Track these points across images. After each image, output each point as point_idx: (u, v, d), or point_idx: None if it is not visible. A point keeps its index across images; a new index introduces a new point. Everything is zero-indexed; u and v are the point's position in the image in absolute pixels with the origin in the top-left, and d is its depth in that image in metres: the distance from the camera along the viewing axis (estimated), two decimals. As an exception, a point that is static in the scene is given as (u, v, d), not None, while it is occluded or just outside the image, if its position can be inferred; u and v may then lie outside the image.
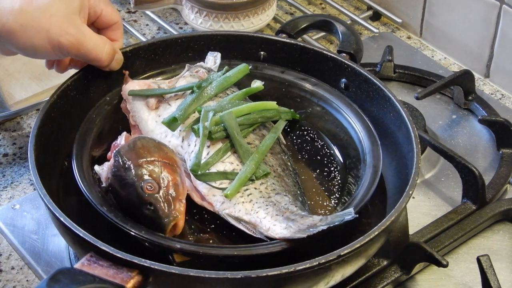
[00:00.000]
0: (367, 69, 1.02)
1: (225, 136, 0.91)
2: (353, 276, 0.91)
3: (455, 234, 0.98)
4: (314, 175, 0.96)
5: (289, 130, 1.02)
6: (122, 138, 0.91)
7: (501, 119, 1.11)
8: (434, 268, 0.95)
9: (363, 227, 0.83)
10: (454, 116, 1.18)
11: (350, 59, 1.03)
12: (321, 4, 1.45)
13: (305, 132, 1.02)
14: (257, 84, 1.00)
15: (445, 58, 1.33)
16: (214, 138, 0.90)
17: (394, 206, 0.82)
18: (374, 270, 0.92)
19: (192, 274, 0.74)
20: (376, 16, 1.42)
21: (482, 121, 1.12)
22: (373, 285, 0.92)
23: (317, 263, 0.75)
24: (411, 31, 1.38)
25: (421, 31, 1.36)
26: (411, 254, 0.92)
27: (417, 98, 1.13)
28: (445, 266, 0.89)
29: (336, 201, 0.93)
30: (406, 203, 0.82)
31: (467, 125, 1.16)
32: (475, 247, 0.99)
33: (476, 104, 1.17)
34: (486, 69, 1.27)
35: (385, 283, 0.92)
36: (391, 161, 0.94)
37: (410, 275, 0.94)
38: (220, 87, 0.97)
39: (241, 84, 1.00)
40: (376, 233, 0.78)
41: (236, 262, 0.81)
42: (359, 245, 0.77)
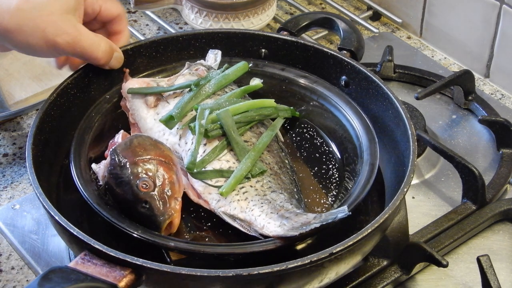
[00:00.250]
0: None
1: (222, 134, 0.91)
2: (353, 276, 0.91)
3: (455, 234, 0.98)
4: (312, 173, 0.96)
5: (289, 128, 1.01)
6: (120, 136, 0.92)
7: (501, 119, 1.11)
8: (434, 268, 0.95)
9: (361, 225, 0.82)
10: (454, 116, 1.18)
11: (351, 57, 1.03)
12: (321, 4, 1.45)
13: (304, 130, 1.01)
14: (256, 82, 1.00)
15: (445, 58, 1.32)
16: (210, 136, 0.90)
17: (391, 204, 0.82)
18: (374, 270, 0.92)
19: (184, 272, 0.74)
20: (376, 16, 1.42)
21: (482, 121, 1.12)
22: (373, 285, 0.92)
23: (309, 261, 0.75)
24: (411, 31, 1.38)
25: (421, 31, 1.36)
26: (411, 254, 0.92)
27: (417, 98, 1.13)
28: (445, 266, 0.89)
29: (333, 199, 0.92)
30: (401, 201, 0.82)
31: (467, 125, 1.16)
32: (475, 247, 0.99)
33: (476, 104, 1.17)
34: (486, 69, 1.27)
35: (385, 283, 0.92)
36: (390, 159, 0.94)
37: (410, 275, 0.94)
38: (219, 85, 0.96)
39: (242, 82, 1.00)
40: (369, 231, 0.78)
41: (231, 260, 0.82)
42: (352, 243, 0.77)
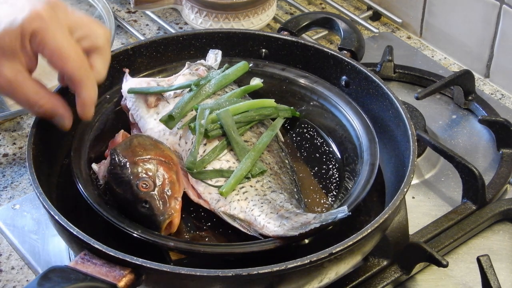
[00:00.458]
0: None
1: (222, 134, 0.91)
2: (353, 276, 0.91)
3: (455, 234, 0.98)
4: (312, 173, 0.96)
5: (289, 128, 1.01)
6: (120, 136, 0.92)
7: (501, 119, 1.11)
8: (434, 268, 0.95)
9: (361, 225, 0.82)
10: (454, 116, 1.18)
11: (351, 57, 1.03)
12: (321, 4, 1.45)
13: (305, 130, 1.01)
14: (256, 82, 0.99)
15: (445, 58, 1.32)
16: (210, 136, 0.90)
17: (391, 204, 0.82)
18: (374, 270, 0.92)
19: (184, 272, 0.74)
20: (376, 16, 1.42)
21: (482, 121, 1.12)
22: (373, 285, 0.92)
23: (309, 261, 0.75)
24: (411, 31, 1.38)
25: (421, 31, 1.36)
26: (411, 254, 0.92)
27: (417, 98, 1.13)
28: (445, 266, 0.89)
29: (333, 199, 0.92)
30: (401, 201, 0.82)
31: (467, 125, 1.16)
32: (475, 247, 0.99)
33: (476, 104, 1.17)
34: (486, 69, 1.27)
35: (385, 283, 0.92)
36: (390, 159, 0.94)
37: (410, 275, 0.94)
38: (219, 85, 0.96)
39: (242, 82, 1.00)
40: (369, 231, 0.78)
41: (231, 260, 0.81)
42: (352, 243, 0.77)
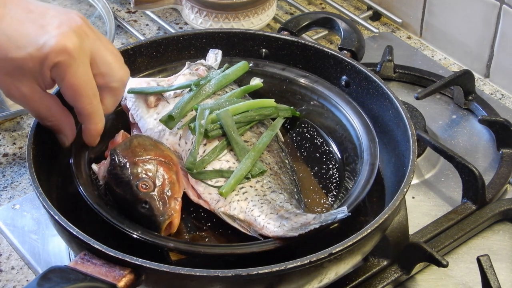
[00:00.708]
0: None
1: (222, 134, 0.91)
2: (353, 276, 0.91)
3: (455, 234, 0.98)
4: (312, 173, 0.96)
5: (289, 127, 1.01)
6: (119, 136, 0.91)
7: (501, 119, 1.11)
8: (434, 268, 0.95)
9: (361, 225, 0.82)
10: (454, 116, 1.18)
11: (352, 57, 1.03)
12: (321, 4, 1.45)
13: (305, 129, 1.01)
14: (256, 82, 0.99)
15: (445, 58, 1.32)
16: (210, 136, 0.90)
17: (391, 204, 0.82)
18: (374, 270, 0.92)
19: (183, 272, 0.74)
20: (376, 16, 1.42)
21: (482, 121, 1.12)
22: (373, 285, 0.92)
23: (308, 261, 0.75)
24: (411, 31, 1.38)
25: (421, 31, 1.36)
26: (411, 254, 0.92)
27: (417, 98, 1.13)
28: (445, 266, 0.89)
29: (333, 199, 0.92)
30: (401, 201, 0.82)
31: (467, 125, 1.16)
32: (475, 247, 0.99)
33: (476, 104, 1.17)
34: (486, 69, 1.27)
35: (385, 283, 0.92)
36: (390, 159, 0.94)
37: (410, 275, 0.94)
38: (219, 85, 0.96)
39: (242, 82, 1.00)
40: (369, 231, 0.78)
41: (232, 260, 0.81)
42: (351, 243, 0.77)
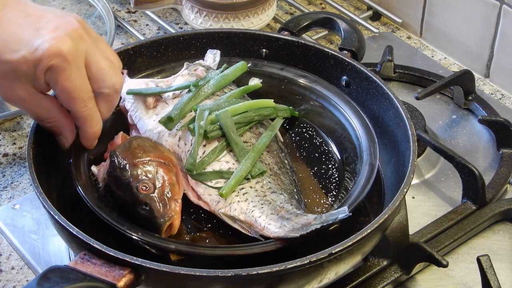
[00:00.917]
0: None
1: (221, 135, 0.91)
2: (353, 276, 0.91)
3: (455, 234, 0.98)
4: (312, 173, 0.96)
5: (288, 127, 1.01)
6: (119, 138, 0.91)
7: (501, 119, 1.11)
8: (434, 268, 0.95)
9: (361, 225, 0.82)
10: (454, 116, 1.18)
11: (352, 57, 1.03)
12: (321, 4, 1.45)
13: (304, 129, 1.01)
14: (255, 82, 0.99)
15: (445, 58, 1.32)
16: (210, 137, 0.90)
17: (391, 204, 0.82)
18: (374, 270, 0.92)
19: (183, 272, 0.74)
20: (376, 16, 1.42)
21: (482, 121, 1.12)
22: (373, 285, 0.92)
23: (308, 261, 0.75)
24: (411, 31, 1.38)
25: (421, 31, 1.36)
26: (411, 254, 0.92)
27: (417, 98, 1.13)
28: (445, 266, 0.89)
29: (333, 199, 0.92)
30: (401, 201, 0.82)
31: (467, 125, 1.16)
32: (475, 247, 0.99)
33: (476, 104, 1.17)
34: (486, 69, 1.27)
35: (385, 283, 0.92)
36: (390, 159, 0.94)
37: (410, 275, 0.94)
38: (218, 86, 0.96)
39: (241, 82, 1.00)
40: (369, 231, 0.78)
41: (232, 261, 0.81)
42: (351, 243, 0.77)
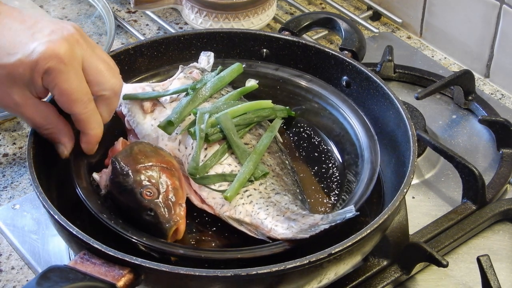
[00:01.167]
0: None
1: (222, 138, 0.90)
2: (353, 276, 0.91)
3: (455, 234, 0.98)
4: (312, 172, 0.96)
5: (285, 128, 1.01)
6: (119, 144, 0.90)
7: (501, 119, 1.11)
8: (434, 268, 0.95)
9: (361, 225, 0.82)
10: (454, 116, 1.18)
11: (352, 57, 1.03)
12: (321, 4, 1.45)
13: (301, 129, 1.01)
14: (252, 83, 0.99)
15: (445, 58, 1.32)
16: (211, 140, 0.89)
17: (391, 205, 0.82)
18: (374, 270, 0.92)
19: (183, 272, 0.74)
20: (376, 16, 1.42)
21: (482, 121, 1.12)
22: (373, 285, 0.92)
23: (308, 261, 0.75)
24: (411, 31, 1.38)
25: (421, 31, 1.36)
26: (411, 254, 0.92)
27: (417, 98, 1.13)
28: (445, 266, 0.89)
29: (336, 198, 0.92)
30: (400, 201, 0.82)
31: (467, 125, 1.16)
32: (475, 247, 0.99)
33: (476, 104, 1.17)
34: (486, 69, 1.27)
35: (385, 283, 0.92)
36: (390, 159, 0.94)
37: (410, 275, 0.94)
38: (215, 88, 0.96)
39: (236, 83, 0.99)
40: (369, 231, 0.78)
41: (239, 264, 0.81)
42: (351, 243, 0.77)
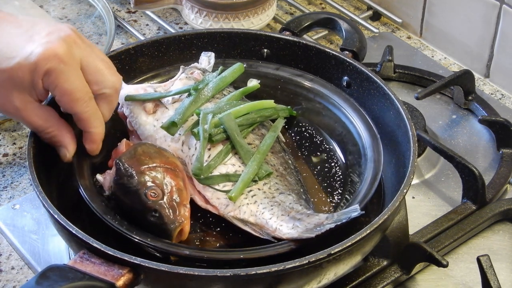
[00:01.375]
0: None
1: (225, 138, 0.90)
2: (353, 276, 0.91)
3: (455, 234, 0.98)
4: (315, 172, 0.96)
5: (287, 127, 1.01)
6: (122, 145, 0.90)
7: (501, 119, 1.11)
8: (434, 268, 0.95)
9: (361, 225, 0.82)
10: (454, 116, 1.18)
11: (353, 57, 1.03)
12: (321, 4, 1.45)
13: (303, 129, 1.01)
14: (254, 83, 0.99)
15: (445, 58, 1.32)
16: (215, 141, 0.89)
17: (392, 205, 0.82)
18: (374, 270, 0.92)
19: (182, 272, 0.74)
20: (376, 16, 1.42)
21: (482, 121, 1.12)
22: (373, 285, 0.92)
23: (307, 262, 0.75)
24: (411, 31, 1.38)
25: (421, 31, 1.36)
26: (411, 254, 0.92)
27: (417, 98, 1.13)
28: (445, 266, 0.89)
29: (339, 197, 0.92)
30: (400, 202, 0.82)
31: (467, 125, 1.16)
32: (475, 247, 0.99)
33: (476, 104, 1.17)
34: (486, 69, 1.27)
35: (385, 283, 0.92)
36: (390, 159, 0.93)
37: (410, 275, 0.94)
38: (217, 88, 0.96)
39: (237, 83, 0.99)
40: (368, 231, 0.78)
41: (244, 264, 0.80)
42: (351, 244, 0.77)
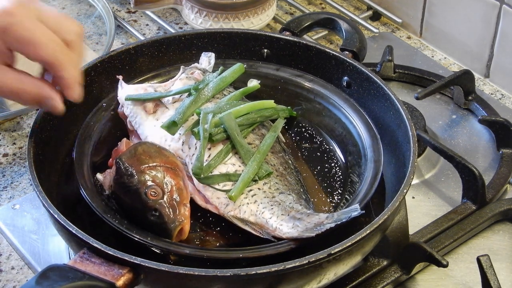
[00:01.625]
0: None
1: (226, 138, 0.91)
2: (353, 276, 0.91)
3: (455, 234, 0.98)
4: (315, 172, 0.96)
5: (287, 128, 1.01)
6: (123, 145, 0.90)
7: (501, 119, 1.11)
8: (434, 268, 0.95)
9: (361, 226, 0.82)
10: (454, 116, 1.18)
11: (353, 57, 1.03)
12: (321, 4, 1.45)
13: (303, 129, 1.01)
14: (254, 83, 1.00)
15: (445, 58, 1.32)
16: (215, 140, 0.90)
17: (391, 205, 0.82)
18: (374, 270, 0.92)
19: (182, 272, 0.74)
20: (376, 16, 1.42)
21: (482, 121, 1.12)
22: (373, 285, 0.92)
23: (307, 262, 0.75)
24: (411, 31, 1.38)
25: (421, 31, 1.36)
26: (411, 254, 0.92)
27: (417, 98, 1.13)
28: (445, 266, 0.89)
29: (339, 197, 0.92)
30: (400, 202, 0.82)
31: (467, 125, 1.16)
32: (475, 247, 0.99)
33: (476, 104, 1.17)
34: (486, 69, 1.27)
35: (385, 283, 0.92)
36: (390, 160, 0.94)
37: (410, 275, 0.94)
38: (217, 88, 0.96)
39: (237, 83, 1.00)
40: (368, 231, 0.78)
41: (245, 264, 0.81)
42: (351, 244, 0.77)
